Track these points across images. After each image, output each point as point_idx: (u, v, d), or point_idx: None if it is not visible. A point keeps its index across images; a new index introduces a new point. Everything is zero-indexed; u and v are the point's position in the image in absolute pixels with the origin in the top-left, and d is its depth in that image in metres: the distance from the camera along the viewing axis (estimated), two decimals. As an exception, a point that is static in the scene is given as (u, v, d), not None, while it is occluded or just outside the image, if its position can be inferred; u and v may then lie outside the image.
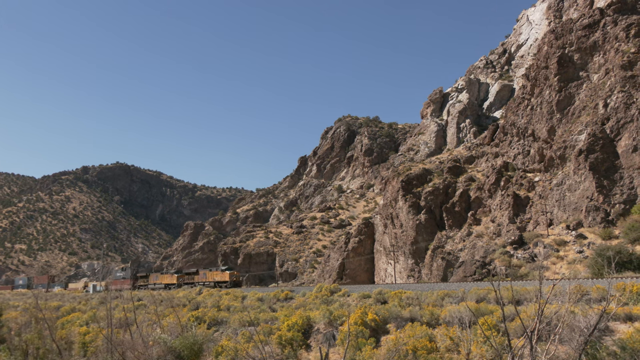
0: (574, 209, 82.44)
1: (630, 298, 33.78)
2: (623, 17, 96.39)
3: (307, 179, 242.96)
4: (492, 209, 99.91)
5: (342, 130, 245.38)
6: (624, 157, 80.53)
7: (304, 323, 42.14)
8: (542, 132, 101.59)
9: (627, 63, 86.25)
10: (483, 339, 27.50)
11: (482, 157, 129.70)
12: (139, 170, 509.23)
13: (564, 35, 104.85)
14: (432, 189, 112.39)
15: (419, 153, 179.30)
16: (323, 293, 57.64)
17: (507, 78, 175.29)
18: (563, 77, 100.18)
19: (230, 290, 75.98)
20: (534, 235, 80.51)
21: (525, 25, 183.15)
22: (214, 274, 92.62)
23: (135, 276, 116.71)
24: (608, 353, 26.31)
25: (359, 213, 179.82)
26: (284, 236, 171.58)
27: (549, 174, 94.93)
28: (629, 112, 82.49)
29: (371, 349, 33.75)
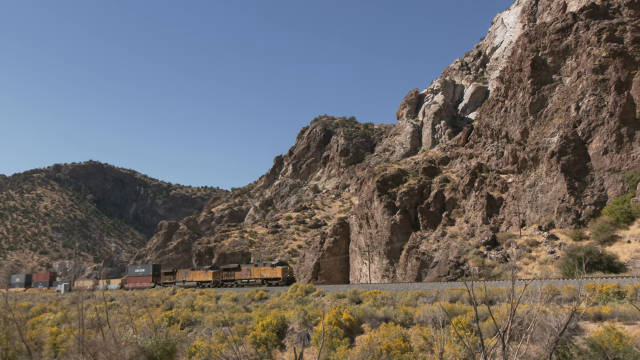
0: (546, 210, 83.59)
1: (599, 298, 34.35)
2: (595, 22, 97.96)
3: (283, 179, 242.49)
4: (466, 210, 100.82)
5: (318, 130, 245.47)
6: (595, 159, 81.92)
7: (279, 323, 42.05)
8: (515, 134, 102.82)
9: (598, 67, 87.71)
10: (456, 338, 27.72)
11: (457, 158, 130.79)
12: (112, 169, 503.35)
13: (538, 39, 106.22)
14: (407, 190, 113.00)
15: (395, 153, 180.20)
16: (298, 293, 57.56)
17: (482, 80, 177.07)
18: (536, 80, 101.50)
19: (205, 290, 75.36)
20: (507, 236, 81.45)
21: (500, 28, 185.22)
22: (262, 269, 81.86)
23: (155, 272, 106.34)
24: (578, 352, 26.72)
25: (334, 213, 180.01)
26: (259, 236, 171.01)
27: (522, 175, 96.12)
28: (600, 115, 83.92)
29: (345, 349, 33.80)
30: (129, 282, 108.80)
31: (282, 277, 77.95)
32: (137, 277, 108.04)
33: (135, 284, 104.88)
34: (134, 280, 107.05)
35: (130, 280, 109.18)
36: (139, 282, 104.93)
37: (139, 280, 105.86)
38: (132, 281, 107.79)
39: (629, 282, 37.84)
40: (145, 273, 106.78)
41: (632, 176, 76.05)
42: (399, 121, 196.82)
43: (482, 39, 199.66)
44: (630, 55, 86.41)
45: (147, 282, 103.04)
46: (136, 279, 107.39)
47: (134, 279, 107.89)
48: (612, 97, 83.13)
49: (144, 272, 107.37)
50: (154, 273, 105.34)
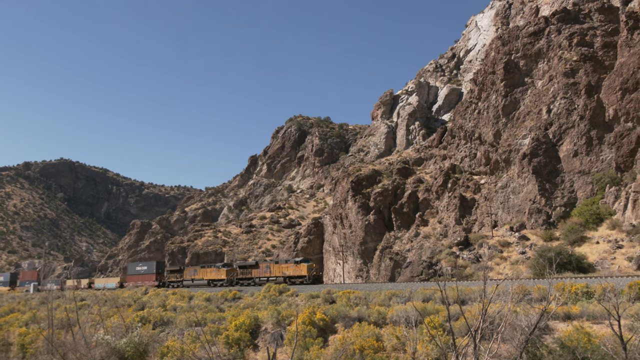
0: (518, 211, 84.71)
1: (569, 298, 34.88)
2: (566, 26, 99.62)
3: (257, 179, 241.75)
4: (440, 211, 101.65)
5: (293, 130, 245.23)
6: (565, 161, 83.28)
7: (252, 323, 41.92)
8: (488, 136, 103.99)
9: (569, 70, 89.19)
10: (429, 338, 27.91)
11: (431, 159, 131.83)
12: (84, 167, 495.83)
13: (511, 42, 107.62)
14: (381, 190, 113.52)
15: (369, 154, 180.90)
16: (271, 293, 57.45)
17: (456, 82, 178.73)
18: (509, 83, 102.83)
19: (178, 290, 74.56)
20: (479, 237, 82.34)
21: (474, 31, 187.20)
22: (283, 266, 75.34)
23: (159, 270, 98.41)
24: (548, 351, 27.09)
25: (308, 213, 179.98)
26: (232, 235, 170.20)
27: (495, 176, 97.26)
28: (571, 118, 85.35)
29: (319, 349, 33.81)
30: (129, 281, 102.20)
31: (308, 274, 71.48)
32: (138, 275, 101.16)
33: (137, 283, 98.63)
34: (135, 279, 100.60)
35: (130, 279, 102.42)
36: (140, 280, 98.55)
37: (140, 278, 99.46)
38: (132, 280, 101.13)
39: (598, 282, 38.50)
40: (148, 271, 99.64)
41: (601, 178, 77.49)
42: (374, 122, 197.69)
43: (456, 41, 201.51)
44: (600, 60, 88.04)
45: (150, 280, 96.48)
46: (137, 277, 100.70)
47: (135, 277, 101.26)
48: (582, 100, 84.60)
49: (147, 270, 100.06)
50: (158, 271, 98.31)
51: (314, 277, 72.09)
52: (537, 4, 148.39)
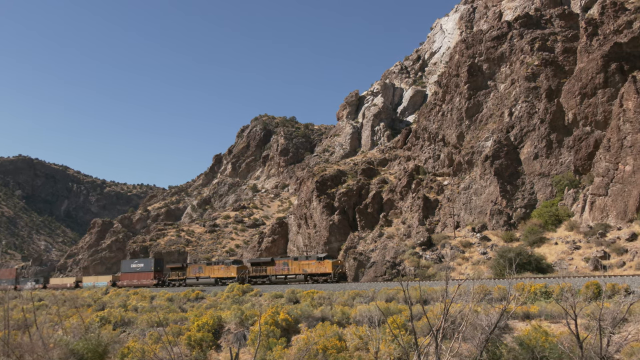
0: (480, 212, 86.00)
1: (528, 298, 35.57)
2: (528, 31, 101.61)
3: (222, 178, 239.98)
4: (403, 211, 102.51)
5: (258, 129, 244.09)
6: (526, 164, 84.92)
7: (215, 323, 41.59)
8: (451, 138, 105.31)
9: (530, 75, 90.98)
10: (391, 337, 28.06)
11: (395, 160, 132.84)
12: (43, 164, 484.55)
13: (474, 45, 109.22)
14: (346, 190, 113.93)
15: (334, 154, 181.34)
16: (235, 293, 57.14)
17: (421, 84, 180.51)
18: (472, 86, 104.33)
19: (140, 290, 73.41)
20: (442, 237, 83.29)
21: (439, 33, 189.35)
22: (304, 263, 70.10)
23: (157, 267, 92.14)
24: (508, 350, 27.55)
25: (273, 213, 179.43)
26: (196, 235, 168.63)
27: (457, 178, 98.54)
28: (532, 121, 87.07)
29: (282, 349, 33.71)
30: (123, 279, 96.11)
31: (334, 272, 66.05)
32: (133, 273, 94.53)
33: (132, 281, 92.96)
34: (130, 277, 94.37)
35: (124, 277, 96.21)
36: (136, 279, 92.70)
37: (136, 277, 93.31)
38: (126, 278, 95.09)
39: (556, 282, 39.37)
40: (145, 269, 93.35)
41: (560, 181, 79.28)
42: (339, 122, 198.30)
43: (421, 43, 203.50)
44: (560, 65, 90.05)
45: (148, 279, 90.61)
46: (132, 275, 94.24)
47: (130, 275, 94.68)
48: (543, 104, 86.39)
49: (143, 268, 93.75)
50: (156, 268, 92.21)
51: (339, 274, 66.98)
52: (500, 8, 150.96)
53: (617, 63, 77.13)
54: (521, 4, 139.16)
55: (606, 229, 66.35)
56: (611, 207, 68.50)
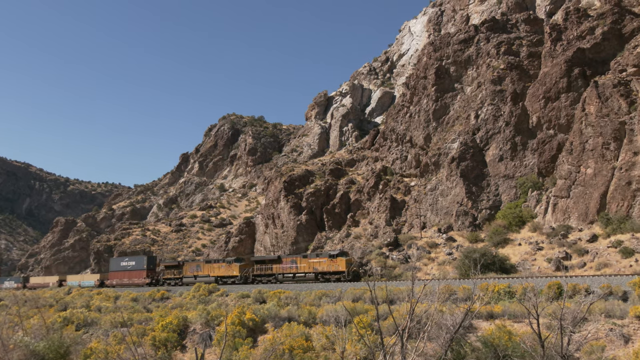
0: (446, 213, 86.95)
1: (492, 297, 36.11)
2: (495, 35, 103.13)
3: (189, 177, 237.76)
4: (371, 212, 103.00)
5: (226, 129, 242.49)
6: (491, 165, 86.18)
7: (180, 323, 41.27)
8: (419, 139, 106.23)
9: (496, 78, 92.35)
10: (358, 337, 28.19)
11: (363, 160, 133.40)
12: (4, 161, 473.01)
13: (442, 48, 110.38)
14: (314, 190, 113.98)
15: (302, 154, 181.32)
16: (201, 293, 56.77)
17: (389, 85, 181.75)
18: (440, 88, 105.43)
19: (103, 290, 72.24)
20: (409, 238, 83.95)
21: (407, 35, 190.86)
22: (314, 261, 66.14)
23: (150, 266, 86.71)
24: (472, 349, 27.92)
25: (240, 212, 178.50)
26: (162, 234, 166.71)
27: (424, 179, 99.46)
28: (497, 124, 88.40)
29: (248, 349, 33.59)
30: (112, 278, 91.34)
31: (347, 270, 62.07)
32: (124, 272, 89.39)
33: (122, 280, 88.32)
34: (120, 276, 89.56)
35: (113, 276, 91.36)
36: (127, 277, 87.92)
37: (126, 275, 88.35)
38: (116, 277, 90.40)
39: (519, 282, 40.02)
40: (137, 267, 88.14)
41: (524, 183, 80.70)
42: (308, 122, 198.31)
43: (390, 45, 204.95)
44: (525, 69, 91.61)
45: (140, 277, 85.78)
46: (123, 274, 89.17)
47: (119, 274, 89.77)
48: (508, 107, 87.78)
49: (135, 266, 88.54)
50: (149, 266, 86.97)
51: (354, 273, 62.86)
52: (467, 12, 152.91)
53: (580, 68, 78.86)
54: (488, 8, 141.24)
55: (568, 230, 67.75)
56: (573, 209, 69.96)
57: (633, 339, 27.35)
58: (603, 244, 61.29)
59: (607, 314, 30.11)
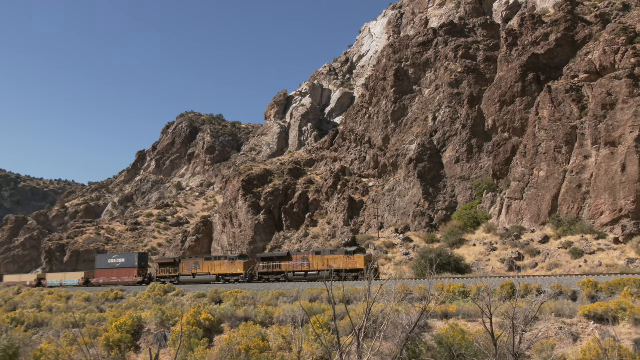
0: (403, 214, 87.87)
1: (447, 297, 36.62)
2: (453, 39, 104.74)
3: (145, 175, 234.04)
4: (329, 212, 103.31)
5: (184, 127, 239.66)
6: (448, 167, 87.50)
7: (134, 324, 40.53)
8: (377, 140, 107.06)
9: (454, 81, 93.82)
10: (314, 337, 28.17)
11: (322, 160, 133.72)
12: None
13: (401, 50, 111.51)
14: (272, 190, 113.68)
15: (261, 154, 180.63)
16: (156, 292, 55.94)
17: (349, 86, 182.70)
18: (398, 90, 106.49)
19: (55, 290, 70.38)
20: (366, 238, 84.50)
21: (367, 37, 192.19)
22: (329, 258, 61.78)
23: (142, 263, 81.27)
24: (427, 348, 28.24)
25: (197, 211, 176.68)
26: (117, 233, 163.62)
27: (382, 180, 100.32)
28: (454, 126, 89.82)
29: (204, 349, 33.23)
30: (99, 276, 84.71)
31: (366, 267, 57.96)
32: (112, 269, 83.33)
33: (110, 278, 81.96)
34: (108, 274, 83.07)
35: (100, 274, 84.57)
36: (115, 276, 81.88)
37: (115, 274, 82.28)
38: (103, 275, 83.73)
39: (473, 282, 40.71)
40: (127, 264, 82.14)
41: (479, 184, 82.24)
42: (267, 122, 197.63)
43: (350, 46, 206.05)
44: (482, 73, 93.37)
45: (130, 275, 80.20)
46: (111, 272, 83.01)
47: (107, 272, 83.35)
48: (465, 110, 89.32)
49: (124, 263, 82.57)
50: (141, 264, 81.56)
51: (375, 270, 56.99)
52: (426, 15, 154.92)
53: (534, 73, 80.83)
54: (446, 12, 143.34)
55: (521, 231, 69.34)
56: (526, 210, 71.65)
57: (581, 338, 28.14)
58: (554, 245, 62.95)
59: (557, 313, 30.89)
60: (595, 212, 63.50)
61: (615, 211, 61.52)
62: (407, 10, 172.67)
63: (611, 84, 67.21)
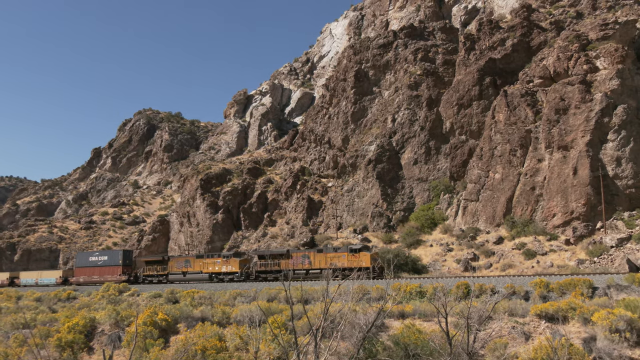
0: (361, 214, 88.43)
1: (404, 297, 37.04)
2: (412, 42, 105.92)
3: (101, 172, 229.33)
4: (288, 211, 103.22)
5: (141, 124, 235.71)
6: (406, 168, 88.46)
7: (87, 324, 39.79)
8: (337, 141, 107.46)
9: (413, 83, 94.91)
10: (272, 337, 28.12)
11: (281, 160, 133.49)
12: None
13: (362, 52, 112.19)
14: (231, 189, 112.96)
15: (220, 152, 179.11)
16: (111, 292, 55.04)
17: (309, 86, 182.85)
18: (358, 91, 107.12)
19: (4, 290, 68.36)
20: (325, 238, 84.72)
21: (328, 38, 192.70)
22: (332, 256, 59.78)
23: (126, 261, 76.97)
24: (383, 348, 28.48)
25: (154, 210, 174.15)
26: (70, 231, 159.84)
27: (342, 180, 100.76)
28: (413, 128, 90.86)
29: (159, 350, 32.84)
30: (79, 274, 79.53)
31: (372, 265, 56.74)
32: (94, 268, 78.34)
33: (92, 277, 77.07)
34: (89, 273, 78.14)
35: (80, 272, 79.50)
36: (97, 274, 77.04)
37: (97, 272, 77.37)
38: (84, 274, 78.69)
39: (430, 282, 41.29)
40: (110, 262, 77.41)
41: (437, 186, 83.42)
42: (226, 120, 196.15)
43: (311, 46, 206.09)
44: (440, 76, 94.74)
45: (114, 274, 75.39)
46: (92, 270, 78.09)
47: (89, 270, 78.37)
48: (423, 112, 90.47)
49: (107, 261, 77.77)
50: (125, 262, 77.13)
51: (380, 269, 57.64)
52: (387, 18, 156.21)
53: (491, 77, 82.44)
54: (407, 15, 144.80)
55: (476, 232, 70.60)
56: (481, 212, 73.00)
57: (533, 336, 28.83)
58: (508, 246, 64.31)
59: (510, 312, 31.59)
60: (547, 214, 65.13)
61: (567, 213, 63.22)
62: (368, 12, 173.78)
63: (564, 89, 69.06)
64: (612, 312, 27.27)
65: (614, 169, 62.57)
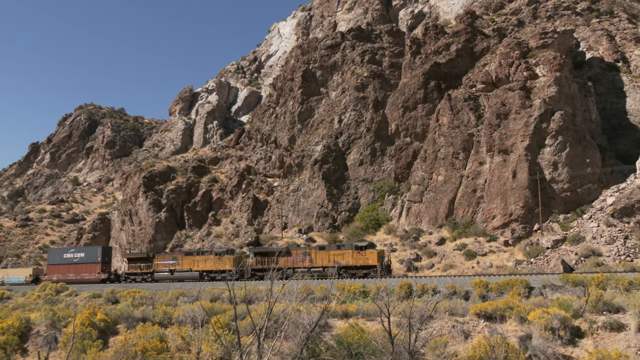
0: (307, 214, 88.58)
1: (348, 297, 37.31)
2: (360, 44, 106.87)
3: (38, 168, 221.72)
4: (233, 211, 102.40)
5: (82, 119, 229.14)
6: (352, 169, 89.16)
7: (22, 325, 38.45)
8: (283, 140, 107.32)
9: (360, 85, 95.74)
10: (214, 337, 27.83)
11: (227, 159, 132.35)
12: None
13: (310, 52, 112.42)
14: (175, 188, 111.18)
15: (164, 150, 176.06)
16: (47, 292, 53.38)
17: (256, 85, 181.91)
18: (306, 91, 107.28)
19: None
20: (270, 237, 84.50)
21: (276, 37, 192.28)
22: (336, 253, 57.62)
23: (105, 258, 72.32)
24: (327, 347, 28.60)
25: (95, 208, 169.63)
26: (5, 229, 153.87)
27: (287, 180, 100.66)
28: (359, 129, 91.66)
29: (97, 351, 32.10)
30: (52, 272, 73.83)
31: (379, 263, 54.48)
32: (69, 265, 73.00)
33: (67, 275, 71.55)
34: (64, 271, 72.60)
35: (54, 270, 73.89)
36: (73, 272, 71.89)
37: (73, 269, 72.21)
38: (58, 272, 73.04)
39: (373, 282, 41.72)
40: (87, 259, 72.01)
41: (382, 187, 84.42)
42: (171, 117, 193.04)
43: (259, 45, 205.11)
44: (387, 78, 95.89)
45: (92, 272, 70.67)
46: (67, 268, 72.74)
47: (64, 268, 72.91)
48: (369, 114, 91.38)
49: (84, 258, 72.29)
50: (105, 259, 72.22)
51: (387, 267, 55.92)
52: (335, 19, 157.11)
53: (436, 81, 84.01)
54: (354, 17, 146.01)
55: (419, 233, 71.79)
56: (425, 213, 74.28)
57: (472, 335, 29.53)
58: (450, 247, 65.67)
59: (451, 312, 32.25)
60: (488, 216, 66.83)
61: (506, 215, 65.03)
62: (316, 13, 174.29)
63: (505, 95, 71.02)
64: (547, 311, 28.18)
65: (551, 173, 64.74)
